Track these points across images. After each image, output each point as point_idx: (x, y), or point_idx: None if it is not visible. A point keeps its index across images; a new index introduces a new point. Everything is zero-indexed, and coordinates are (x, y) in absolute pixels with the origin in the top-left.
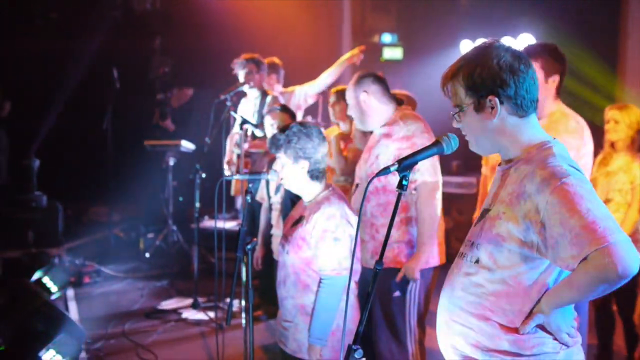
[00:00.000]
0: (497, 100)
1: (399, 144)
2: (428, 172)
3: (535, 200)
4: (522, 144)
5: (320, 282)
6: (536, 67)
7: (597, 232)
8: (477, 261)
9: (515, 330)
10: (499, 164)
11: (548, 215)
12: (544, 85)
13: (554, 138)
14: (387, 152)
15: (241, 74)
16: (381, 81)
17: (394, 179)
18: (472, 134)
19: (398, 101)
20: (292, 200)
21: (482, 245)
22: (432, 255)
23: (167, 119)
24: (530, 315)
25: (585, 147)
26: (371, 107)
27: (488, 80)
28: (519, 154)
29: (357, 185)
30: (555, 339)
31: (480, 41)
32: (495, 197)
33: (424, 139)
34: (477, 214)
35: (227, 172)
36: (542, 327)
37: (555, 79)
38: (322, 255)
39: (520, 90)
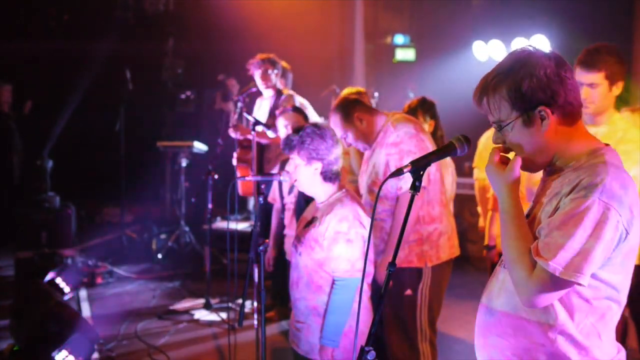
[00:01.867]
0: (549, 111)
1: (387, 150)
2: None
3: (562, 199)
4: (571, 152)
5: (333, 283)
6: (600, 77)
7: (563, 257)
8: None
9: (553, 344)
10: (545, 169)
11: (562, 206)
12: (609, 94)
13: (607, 145)
14: (379, 160)
15: (257, 74)
16: (362, 102)
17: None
18: (522, 151)
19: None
20: (306, 201)
21: None
22: (442, 249)
23: (229, 101)
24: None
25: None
26: (362, 129)
27: (539, 92)
28: (566, 163)
29: (361, 197)
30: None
31: (516, 46)
32: (535, 203)
33: (411, 145)
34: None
35: (232, 134)
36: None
37: (619, 86)
38: (335, 257)
39: (569, 99)
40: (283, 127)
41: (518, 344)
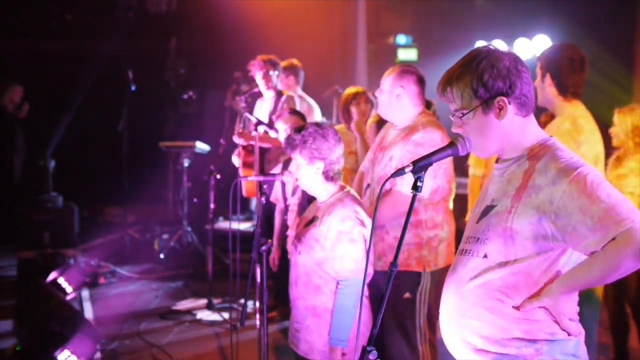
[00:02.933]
0: (506, 100)
1: (407, 147)
2: (409, 184)
3: (550, 191)
4: (525, 142)
5: (338, 284)
6: (537, 68)
7: (621, 214)
8: (485, 256)
9: (526, 321)
10: (496, 161)
11: (564, 203)
12: (540, 85)
13: (550, 136)
14: (398, 155)
15: (258, 75)
16: (422, 83)
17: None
18: (478, 136)
19: (428, 104)
20: (308, 202)
21: (491, 240)
22: (441, 256)
23: (239, 101)
24: (537, 295)
25: (580, 151)
26: (400, 104)
27: (499, 82)
28: (520, 152)
29: (368, 186)
30: (558, 324)
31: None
32: (500, 193)
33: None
34: (469, 215)
35: (237, 141)
36: (547, 313)
37: (546, 77)
38: (339, 257)
39: (525, 92)
40: (283, 131)
41: (492, 323)
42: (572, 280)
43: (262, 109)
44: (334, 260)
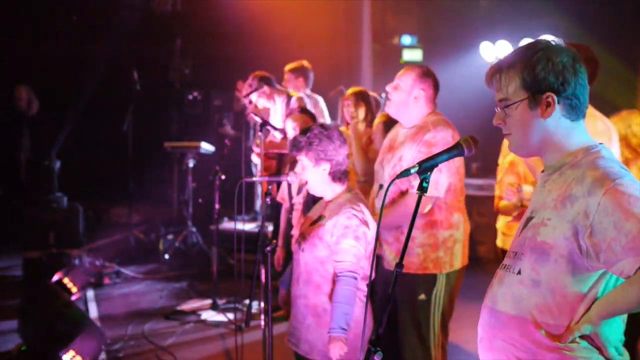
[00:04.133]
0: (555, 98)
1: (419, 147)
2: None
3: (585, 202)
4: (568, 148)
5: (338, 275)
6: None
7: None
8: (519, 272)
9: (559, 349)
10: (542, 171)
11: (600, 218)
12: None
13: (600, 143)
14: (408, 155)
15: (254, 96)
16: (438, 89)
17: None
18: (517, 131)
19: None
20: (314, 201)
21: (525, 255)
22: (457, 257)
23: (225, 126)
24: (576, 324)
25: (612, 150)
26: (417, 105)
27: (551, 76)
28: (562, 159)
29: (380, 187)
30: (602, 353)
31: (525, 41)
32: (539, 204)
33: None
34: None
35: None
36: (589, 342)
37: None
38: (343, 250)
39: (577, 92)
40: (291, 129)
41: (524, 347)
42: (611, 306)
43: (277, 114)
44: (337, 253)
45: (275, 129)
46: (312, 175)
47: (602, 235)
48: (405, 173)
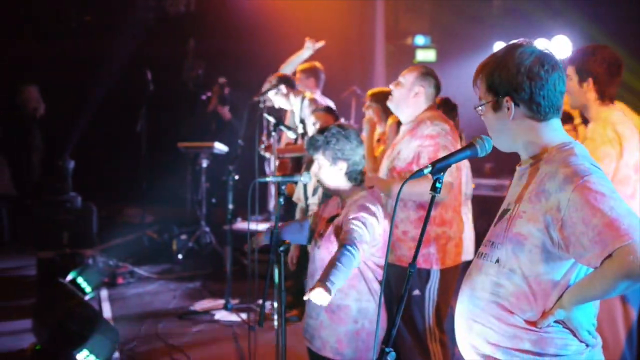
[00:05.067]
0: (512, 102)
1: (421, 142)
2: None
3: (557, 198)
4: (540, 145)
5: (345, 245)
6: (571, 71)
7: (620, 230)
8: (497, 261)
9: (536, 332)
10: (518, 165)
11: (569, 213)
12: (579, 90)
13: (574, 140)
14: (408, 148)
15: (273, 97)
16: (439, 90)
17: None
18: (491, 131)
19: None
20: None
21: (503, 245)
22: (449, 255)
23: (226, 105)
24: (550, 310)
25: (623, 159)
26: (416, 101)
27: (505, 82)
28: (537, 153)
29: None
30: (575, 336)
31: (513, 41)
32: (515, 197)
33: (447, 141)
34: None
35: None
36: (563, 325)
37: (589, 83)
38: (352, 227)
39: (537, 97)
40: (312, 126)
41: (502, 331)
42: (581, 294)
43: (294, 114)
44: (347, 223)
45: (288, 128)
46: (329, 174)
47: (571, 229)
48: (418, 174)
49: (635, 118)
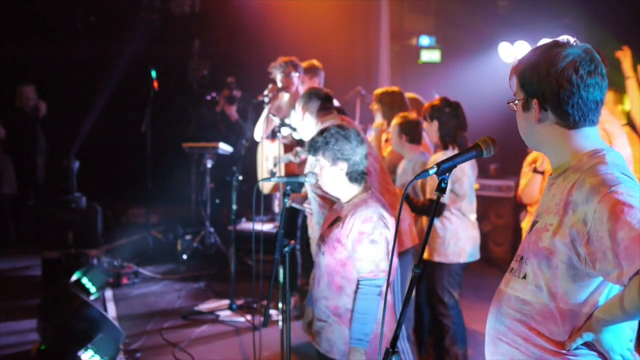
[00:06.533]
0: (539, 106)
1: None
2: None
3: (584, 210)
4: (569, 152)
5: (358, 284)
6: None
7: None
8: (524, 277)
9: (564, 355)
10: (550, 174)
11: (595, 226)
12: None
13: (609, 146)
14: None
15: (279, 77)
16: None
17: None
18: (519, 127)
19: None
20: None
21: (530, 260)
22: (406, 235)
23: (233, 105)
24: (578, 331)
25: None
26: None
27: (534, 83)
28: (567, 160)
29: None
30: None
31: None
32: (543, 208)
33: None
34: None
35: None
36: (592, 348)
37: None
38: (359, 258)
39: (565, 105)
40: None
41: (528, 352)
42: (609, 314)
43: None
44: (356, 261)
45: (293, 129)
46: (329, 175)
47: (598, 244)
48: (423, 174)
49: (618, 112)
